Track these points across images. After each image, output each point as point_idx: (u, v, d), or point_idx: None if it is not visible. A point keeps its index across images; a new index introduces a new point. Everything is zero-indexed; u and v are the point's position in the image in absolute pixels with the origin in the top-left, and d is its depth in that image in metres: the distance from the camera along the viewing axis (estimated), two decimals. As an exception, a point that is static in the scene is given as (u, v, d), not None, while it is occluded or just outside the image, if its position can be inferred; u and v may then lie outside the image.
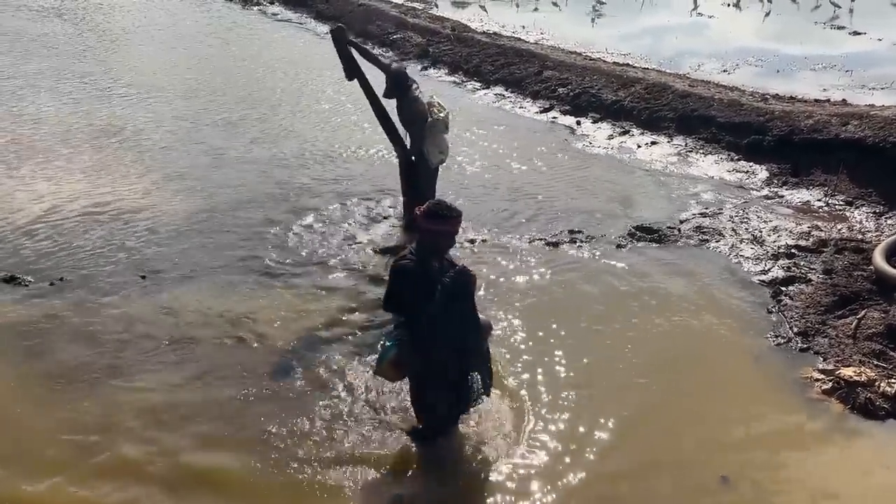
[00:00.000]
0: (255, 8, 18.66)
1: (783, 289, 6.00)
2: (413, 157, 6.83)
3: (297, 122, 10.19)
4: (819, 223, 7.12)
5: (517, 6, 16.80)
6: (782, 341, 5.36)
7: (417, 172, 6.82)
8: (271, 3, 19.15)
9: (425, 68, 13.22)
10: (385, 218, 7.27)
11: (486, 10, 17.04)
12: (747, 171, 8.45)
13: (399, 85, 6.68)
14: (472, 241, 6.82)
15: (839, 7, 15.93)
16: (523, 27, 15.66)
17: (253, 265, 6.35)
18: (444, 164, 6.98)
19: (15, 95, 10.90)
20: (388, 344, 4.06)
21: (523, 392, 4.81)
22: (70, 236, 6.76)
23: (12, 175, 8.06)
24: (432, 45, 14.00)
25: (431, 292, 3.76)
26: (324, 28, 16.48)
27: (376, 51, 14.44)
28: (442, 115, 6.74)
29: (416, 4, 18.20)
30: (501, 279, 6.25)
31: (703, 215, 7.35)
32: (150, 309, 5.66)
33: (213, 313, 5.63)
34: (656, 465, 4.24)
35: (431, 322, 3.78)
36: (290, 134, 9.70)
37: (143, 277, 6.09)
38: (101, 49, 14.29)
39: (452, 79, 12.55)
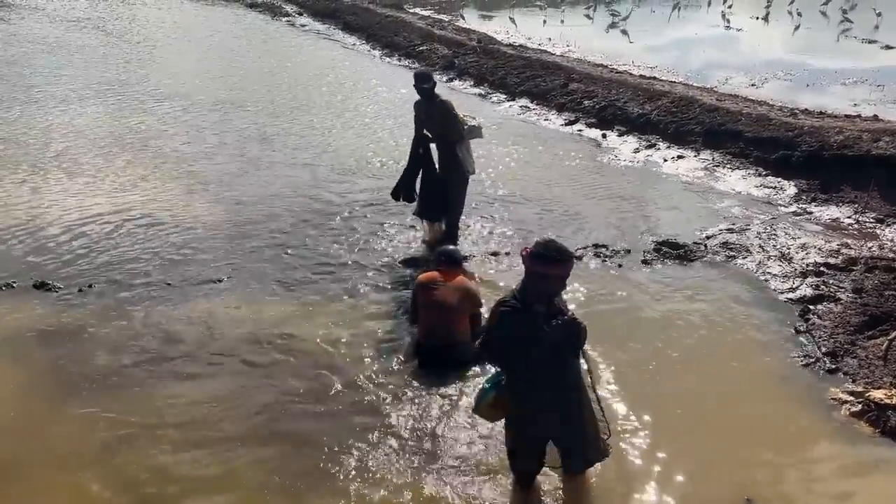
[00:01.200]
0: (284, 19, 18.92)
1: (811, 307, 5.90)
2: (444, 172, 6.80)
3: (333, 134, 10.29)
4: (849, 241, 7.01)
5: (544, 21, 16.78)
6: (810, 361, 5.27)
7: (450, 187, 6.78)
8: (300, 14, 19.41)
9: (451, 80, 13.29)
10: (411, 228, 7.29)
11: (514, 23, 17.08)
12: (775, 187, 8.35)
13: (427, 81, 6.63)
14: (495, 254, 6.81)
15: (851, 22, 15.72)
16: (549, 39, 15.69)
17: (284, 275, 6.40)
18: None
19: (57, 104, 11.14)
20: (486, 386, 3.82)
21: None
22: (102, 244, 6.88)
23: (48, 181, 8.23)
24: (458, 56, 14.08)
25: (534, 341, 3.45)
26: (352, 39, 16.68)
27: (402, 62, 14.64)
28: (475, 122, 6.85)
29: (443, 16, 18.36)
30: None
31: (730, 231, 7.27)
32: (176, 317, 5.72)
33: (244, 322, 5.67)
34: (683, 485, 4.18)
35: (531, 374, 3.47)
36: (326, 145, 9.81)
37: (170, 285, 6.17)
38: (137, 60, 14.58)
39: (478, 90, 12.60)
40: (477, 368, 5.09)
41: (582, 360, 3.76)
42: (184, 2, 20.92)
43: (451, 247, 5.92)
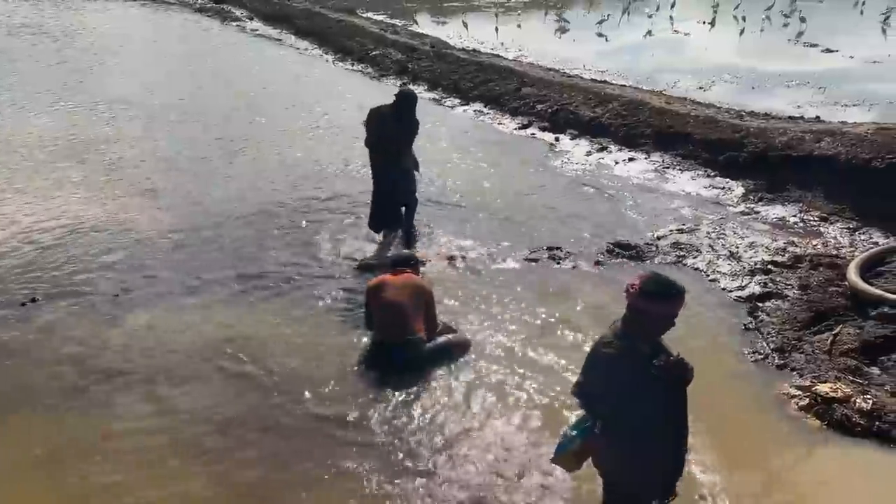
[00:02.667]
0: (234, 24, 18.67)
1: (760, 305, 6.04)
2: (403, 172, 6.95)
3: (286, 141, 10.15)
4: (794, 239, 7.19)
5: (496, 29, 16.87)
6: (759, 358, 5.39)
7: (410, 184, 7.04)
8: (250, 19, 19.17)
9: (405, 84, 13.25)
10: (367, 233, 7.25)
11: (466, 27, 17.12)
12: (724, 188, 8.52)
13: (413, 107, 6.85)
14: (451, 259, 6.80)
15: (804, 21, 16.15)
16: (502, 44, 15.77)
17: (236, 283, 6.31)
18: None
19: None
20: (572, 433, 3.43)
21: (504, 404, 4.79)
22: (47, 255, 6.67)
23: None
24: (412, 61, 14.07)
25: (640, 384, 3.12)
26: (304, 44, 16.53)
27: (356, 67, 14.58)
28: None
29: (395, 21, 18.31)
30: (481, 295, 6.23)
31: (681, 231, 7.39)
32: (122, 331, 5.57)
33: (196, 333, 5.55)
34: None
35: (636, 420, 3.13)
36: (279, 152, 9.66)
37: (117, 296, 6.01)
38: (84, 67, 14.23)
39: (432, 95, 12.59)
40: (437, 368, 5.09)
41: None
42: (130, 7, 20.49)
43: (405, 251, 5.92)
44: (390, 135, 6.82)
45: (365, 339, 5.41)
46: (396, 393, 4.91)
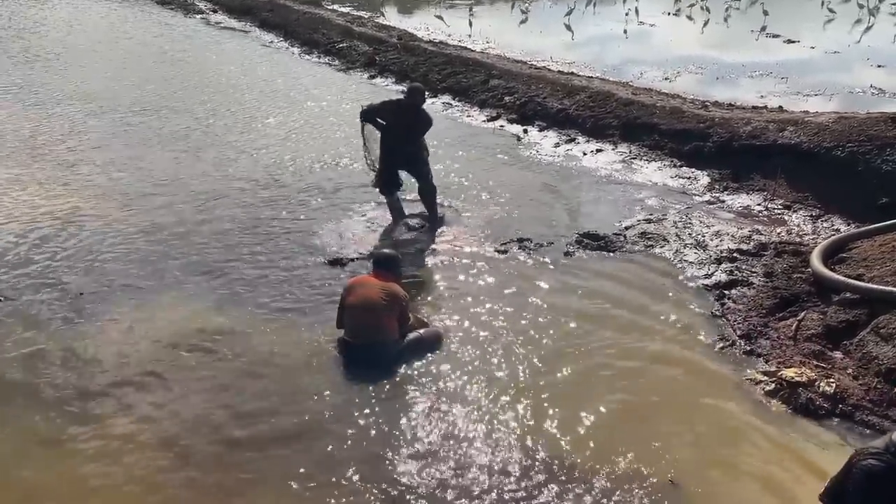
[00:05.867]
0: (198, 17, 18.38)
1: (726, 292, 6.13)
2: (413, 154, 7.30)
3: (254, 135, 10.03)
4: (759, 227, 7.31)
5: (470, 23, 16.82)
6: (727, 344, 5.47)
7: (421, 162, 7.37)
8: (214, 11, 18.89)
9: (372, 77, 13.19)
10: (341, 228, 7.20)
11: (443, 20, 17.03)
12: (690, 177, 8.62)
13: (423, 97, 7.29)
14: (421, 251, 6.80)
15: (767, 14, 16.40)
16: (469, 36, 15.76)
17: (206, 281, 6.22)
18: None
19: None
20: None
21: (476, 394, 4.81)
22: (10, 254, 6.52)
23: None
24: (379, 53, 13.98)
25: None
26: (269, 37, 16.34)
27: (323, 59, 14.46)
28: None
29: (362, 13, 18.17)
30: (452, 287, 6.24)
31: (648, 221, 7.47)
32: (90, 332, 5.47)
33: (165, 332, 5.47)
34: (609, 468, 4.26)
35: None
36: (248, 146, 9.53)
37: (82, 294, 5.90)
38: (43, 61, 13.89)
39: (400, 87, 12.51)
40: (411, 363, 5.09)
41: None
42: (94, 2, 20.02)
43: (389, 251, 5.90)
44: (405, 123, 7.14)
45: (335, 338, 5.37)
46: (370, 388, 4.90)
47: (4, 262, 6.38)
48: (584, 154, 9.46)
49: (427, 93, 7.97)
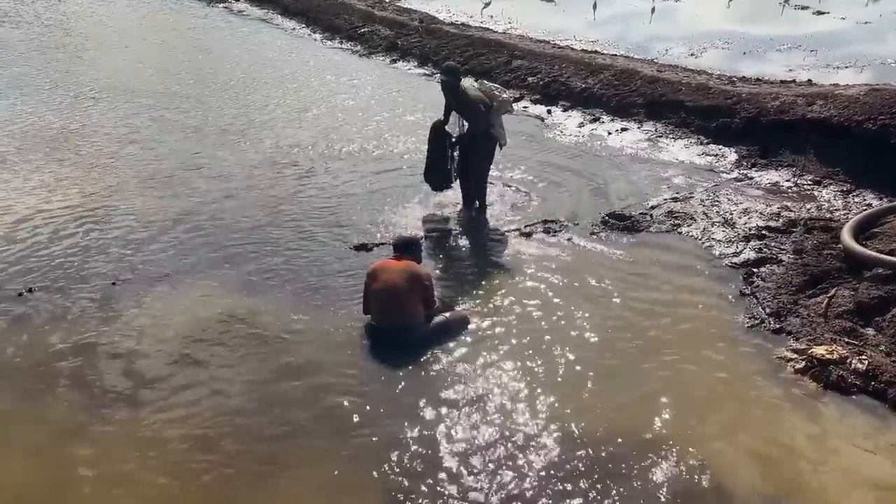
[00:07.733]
0: (221, 6, 18.46)
1: (755, 270, 6.07)
2: (472, 140, 7.05)
3: (280, 125, 10.06)
4: (788, 203, 7.21)
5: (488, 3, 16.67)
6: (756, 322, 5.42)
7: (478, 154, 7.06)
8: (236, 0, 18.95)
9: (394, 61, 13.18)
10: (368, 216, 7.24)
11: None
12: (717, 155, 8.52)
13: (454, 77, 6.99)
14: (446, 233, 6.82)
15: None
16: (491, 17, 15.64)
17: (235, 267, 6.29)
18: None
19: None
20: None
21: (505, 378, 4.84)
22: (42, 245, 6.65)
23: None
24: (401, 37, 13.95)
25: None
26: (291, 23, 16.37)
27: (345, 45, 14.46)
28: (505, 95, 7.32)
29: (383, -4, 18.07)
30: (478, 271, 6.26)
31: (675, 200, 7.40)
32: (125, 318, 5.59)
33: (193, 318, 5.56)
34: (636, 451, 4.27)
35: None
36: (275, 136, 9.56)
37: (114, 284, 6.02)
38: (71, 55, 14.07)
39: (422, 71, 12.53)
40: (438, 346, 5.12)
41: None
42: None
43: (409, 234, 5.93)
44: (455, 106, 7.12)
45: (361, 324, 5.41)
46: (399, 372, 4.94)
47: (37, 254, 6.50)
48: (609, 133, 9.38)
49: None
